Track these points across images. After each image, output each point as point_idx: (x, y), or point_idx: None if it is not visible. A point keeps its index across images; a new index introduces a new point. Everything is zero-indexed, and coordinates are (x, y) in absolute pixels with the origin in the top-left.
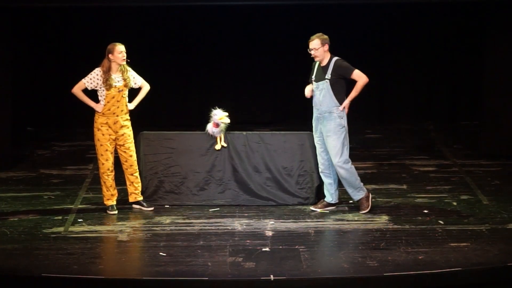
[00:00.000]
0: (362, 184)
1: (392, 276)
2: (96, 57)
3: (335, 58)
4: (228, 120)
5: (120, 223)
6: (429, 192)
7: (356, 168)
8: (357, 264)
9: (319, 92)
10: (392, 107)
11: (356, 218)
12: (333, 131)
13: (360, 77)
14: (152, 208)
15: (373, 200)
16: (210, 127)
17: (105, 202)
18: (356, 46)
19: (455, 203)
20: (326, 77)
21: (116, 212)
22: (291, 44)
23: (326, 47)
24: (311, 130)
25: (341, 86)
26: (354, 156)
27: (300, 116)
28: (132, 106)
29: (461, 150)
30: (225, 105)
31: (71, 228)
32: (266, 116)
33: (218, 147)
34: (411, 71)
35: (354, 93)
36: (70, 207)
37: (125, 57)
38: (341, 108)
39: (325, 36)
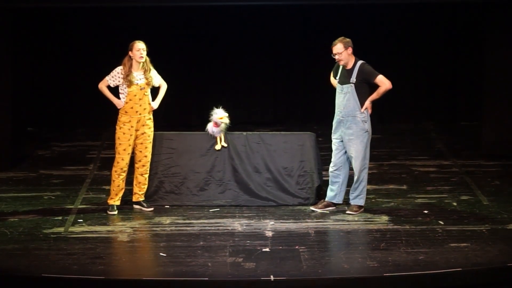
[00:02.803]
0: (365, 195)
1: (392, 277)
2: (96, 57)
3: (360, 62)
4: (228, 120)
5: (120, 223)
6: (429, 193)
7: None
8: (357, 264)
9: (343, 95)
10: (392, 107)
11: (356, 219)
12: (356, 135)
13: (383, 83)
14: (152, 209)
15: (373, 201)
16: (210, 127)
17: (108, 201)
18: (356, 46)
19: (455, 204)
20: (351, 80)
21: (115, 212)
22: (292, 44)
23: (350, 50)
24: (312, 131)
25: (365, 90)
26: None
27: (300, 116)
28: (155, 105)
29: (461, 150)
30: (226, 105)
31: (71, 229)
32: (267, 116)
33: (218, 147)
34: (411, 71)
35: (375, 95)
36: (70, 207)
37: (142, 55)
38: (362, 109)
39: (348, 39)
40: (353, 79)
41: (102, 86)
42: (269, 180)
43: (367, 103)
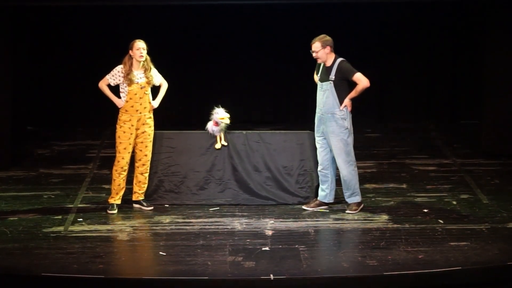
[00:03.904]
0: (359, 190)
1: (392, 276)
2: (96, 56)
3: (339, 60)
4: (228, 120)
5: (120, 222)
6: (429, 191)
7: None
8: (357, 263)
9: (322, 92)
10: (392, 106)
11: (356, 218)
12: (336, 132)
13: (360, 81)
14: (152, 208)
15: (372, 199)
16: (210, 126)
17: (108, 200)
18: (357, 46)
19: (455, 202)
20: (330, 78)
21: (115, 211)
22: (292, 43)
23: (328, 49)
24: (311, 130)
25: (344, 87)
26: (354, 155)
27: (300, 115)
28: (156, 104)
29: (461, 149)
30: (225, 104)
31: (71, 228)
32: (266, 115)
33: (218, 146)
34: (411, 70)
35: (353, 93)
36: (70, 206)
37: (142, 54)
38: (341, 107)
39: (327, 38)
40: (332, 76)
41: (103, 84)
42: (268, 179)
43: (346, 100)
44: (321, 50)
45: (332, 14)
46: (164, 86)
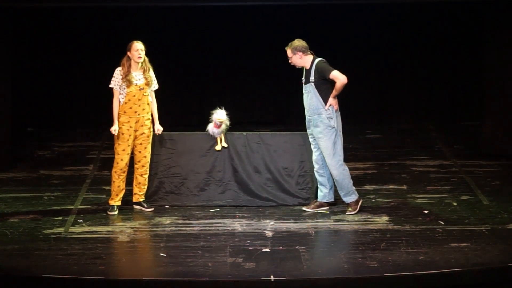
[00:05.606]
0: (354, 188)
1: (393, 277)
2: (96, 57)
3: (317, 60)
4: (228, 122)
5: (120, 223)
6: (429, 193)
7: (356, 169)
8: (357, 264)
9: (306, 94)
10: (392, 107)
11: (356, 219)
12: (323, 132)
13: (337, 78)
14: (152, 209)
15: (373, 201)
16: (210, 128)
17: (109, 201)
18: (357, 46)
19: (455, 204)
20: (310, 79)
21: (116, 213)
22: None
23: (299, 54)
24: None
25: (326, 87)
26: (354, 156)
27: (300, 116)
28: (159, 127)
29: (462, 150)
30: (226, 105)
31: (71, 229)
32: (267, 116)
33: (218, 147)
34: (412, 71)
35: (334, 92)
36: (70, 207)
37: (141, 55)
38: (326, 106)
39: (297, 44)
40: (312, 78)
41: (115, 101)
42: (269, 180)
43: (330, 99)
44: (293, 56)
45: (332, 15)
46: (154, 106)
